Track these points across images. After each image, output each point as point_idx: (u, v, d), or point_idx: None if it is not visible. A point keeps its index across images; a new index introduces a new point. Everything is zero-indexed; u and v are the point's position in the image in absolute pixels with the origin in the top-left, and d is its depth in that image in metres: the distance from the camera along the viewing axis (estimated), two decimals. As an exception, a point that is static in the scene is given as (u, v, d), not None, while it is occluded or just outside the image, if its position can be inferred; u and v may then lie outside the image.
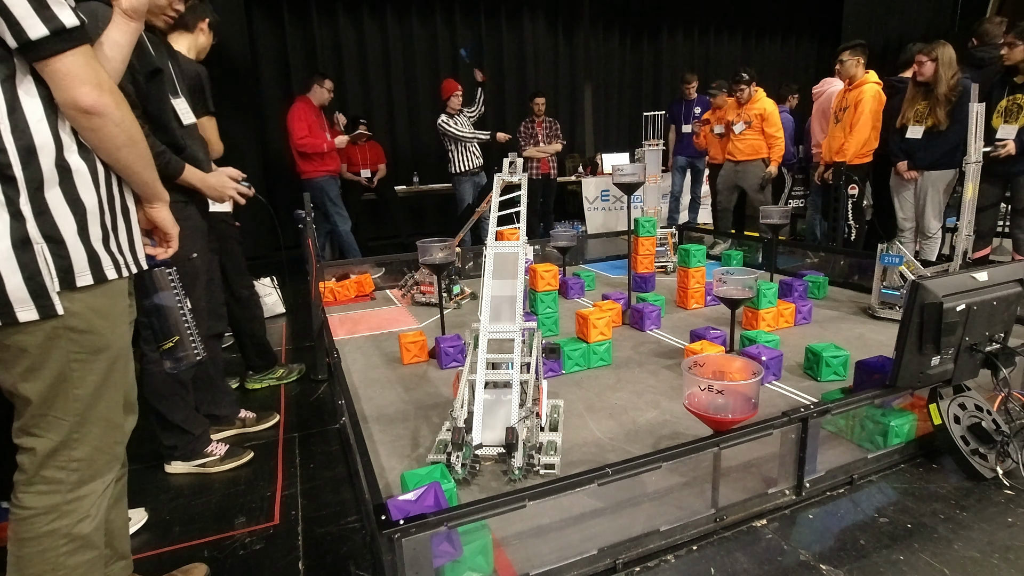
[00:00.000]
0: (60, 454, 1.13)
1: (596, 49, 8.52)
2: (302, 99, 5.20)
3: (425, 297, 4.18)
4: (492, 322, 2.20)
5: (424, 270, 4.18)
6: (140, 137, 1.14)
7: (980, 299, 1.84)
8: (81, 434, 1.14)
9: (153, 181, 1.20)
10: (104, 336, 1.14)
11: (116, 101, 1.06)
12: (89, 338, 1.11)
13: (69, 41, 0.98)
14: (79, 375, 1.12)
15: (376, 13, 7.20)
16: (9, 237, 1.00)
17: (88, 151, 1.09)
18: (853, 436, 2.08)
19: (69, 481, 1.14)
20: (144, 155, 1.17)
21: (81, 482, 1.15)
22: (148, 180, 1.19)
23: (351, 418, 1.99)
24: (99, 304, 1.12)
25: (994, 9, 7.31)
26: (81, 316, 1.09)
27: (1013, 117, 3.62)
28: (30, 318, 1.03)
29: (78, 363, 1.11)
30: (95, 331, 1.12)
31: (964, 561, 1.51)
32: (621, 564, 1.53)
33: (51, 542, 1.13)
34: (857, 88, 4.31)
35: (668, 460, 1.56)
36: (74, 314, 1.08)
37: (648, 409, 2.43)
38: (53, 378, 1.09)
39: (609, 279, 4.87)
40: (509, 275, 2.28)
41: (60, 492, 1.13)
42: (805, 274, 4.07)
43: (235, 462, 2.16)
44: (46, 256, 1.03)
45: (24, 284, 1.02)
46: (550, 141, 6.42)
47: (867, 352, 2.63)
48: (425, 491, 1.51)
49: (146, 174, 1.19)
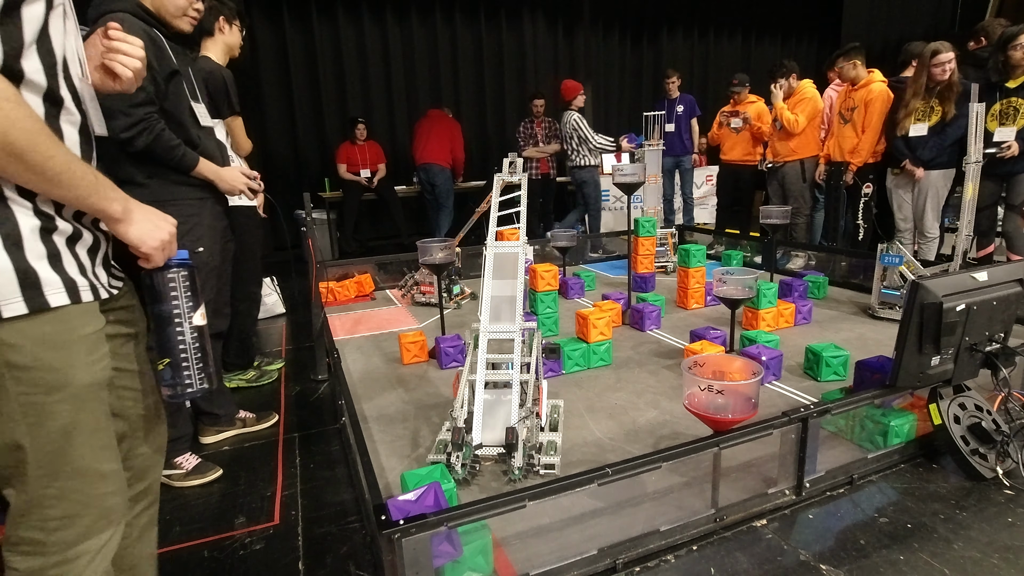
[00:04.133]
0: (33, 513, 0.94)
1: (596, 49, 8.52)
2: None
3: (425, 297, 4.19)
4: (492, 322, 2.20)
5: (424, 270, 4.18)
6: (40, 150, 0.83)
7: (980, 299, 1.84)
8: (55, 489, 0.94)
9: (81, 199, 0.91)
10: (60, 371, 0.91)
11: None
12: (38, 375, 0.89)
13: None
14: (34, 420, 0.90)
15: (376, 13, 7.20)
16: None
17: None
18: (853, 436, 2.08)
19: (50, 542, 0.96)
20: (52, 172, 0.85)
21: (66, 544, 0.97)
22: (71, 199, 0.90)
23: (351, 418, 1.99)
24: (46, 333, 0.89)
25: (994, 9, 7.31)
26: (21, 349, 0.87)
27: (1010, 120, 3.65)
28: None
29: (29, 406, 0.89)
30: (44, 367, 0.89)
31: (964, 561, 1.51)
32: (621, 564, 1.53)
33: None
34: (864, 87, 4.30)
35: (668, 460, 1.56)
36: (11, 346, 0.86)
37: (648, 409, 2.43)
38: (1, 425, 0.89)
39: (609, 279, 4.87)
40: (509, 275, 2.28)
41: (42, 555, 0.96)
42: (805, 274, 4.08)
43: (199, 479, 2.08)
44: None
45: None
46: (549, 141, 6.42)
47: (867, 352, 2.63)
48: (425, 491, 1.51)
49: (62, 192, 0.89)
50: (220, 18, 2.47)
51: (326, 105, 7.17)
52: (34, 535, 0.95)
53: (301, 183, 6.82)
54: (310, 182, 6.85)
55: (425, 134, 6.37)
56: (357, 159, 6.49)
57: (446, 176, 6.36)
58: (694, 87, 8.97)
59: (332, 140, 7.00)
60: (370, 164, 6.55)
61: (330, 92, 7.19)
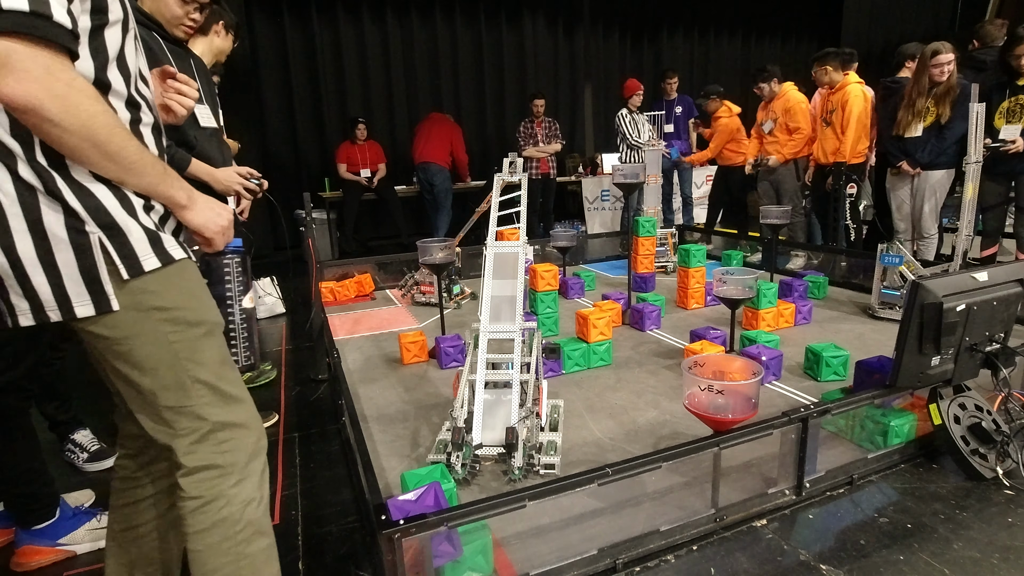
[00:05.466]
0: (208, 440, 1.08)
1: (596, 49, 8.53)
2: None
3: (425, 297, 4.19)
4: (492, 322, 2.20)
5: (424, 270, 4.18)
6: (113, 144, 0.94)
7: (980, 299, 1.84)
8: (224, 414, 1.09)
9: (150, 186, 1.03)
10: (195, 310, 1.08)
11: (60, 103, 0.87)
12: (180, 314, 1.05)
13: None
14: (187, 355, 1.05)
15: (376, 13, 7.20)
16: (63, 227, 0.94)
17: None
18: (853, 436, 2.08)
19: (226, 464, 1.09)
20: (127, 161, 0.98)
21: (238, 465, 1.10)
22: (141, 186, 1.02)
23: (351, 418, 1.99)
24: (177, 281, 1.06)
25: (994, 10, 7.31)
26: (163, 295, 1.03)
27: (1016, 117, 3.64)
28: (86, 313, 0.98)
29: (182, 344, 1.05)
30: (184, 307, 1.06)
31: (964, 561, 1.51)
32: (621, 564, 1.53)
33: (225, 531, 1.08)
34: (840, 90, 4.34)
35: (668, 460, 1.56)
36: (154, 293, 1.02)
37: (648, 409, 2.43)
38: (162, 364, 1.03)
39: (609, 279, 4.87)
40: (509, 275, 2.28)
41: (224, 477, 1.08)
42: (805, 274, 4.08)
43: None
44: (104, 244, 0.97)
45: (81, 277, 0.96)
46: (549, 141, 6.42)
47: (867, 352, 2.63)
48: (425, 491, 1.51)
49: (133, 179, 1.00)
50: (220, 23, 2.46)
51: (326, 105, 7.18)
52: (214, 460, 1.08)
53: (301, 183, 6.83)
54: (310, 182, 6.86)
55: (425, 135, 6.37)
56: (357, 159, 6.50)
57: (444, 176, 6.36)
58: (694, 87, 8.97)
59: (332, 140, 7.00)
60: (370, 164, 6.55)
61: (330, 92, 7.19)
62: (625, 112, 5.62)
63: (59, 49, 0.87)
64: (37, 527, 1.68)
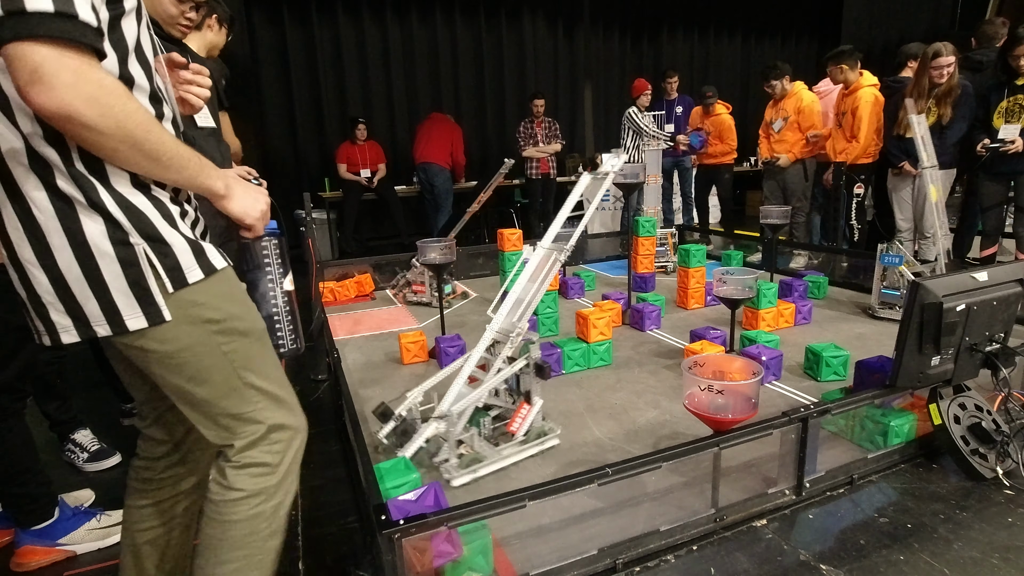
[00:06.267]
0: (264, 439, 1.10)
1: (596, 49, 8.52)
2: None
3: (417, 296, 4.22)
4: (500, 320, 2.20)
5: (416, 269, 4.20)
6: (151, 141, 0.93)
7: (980, 299, 1.84)
8: (274, 415, 1.11)
9: (190, 179, 1.02)
10: (244, 319, 1.08)
11: (97, 108, 0.84)
12: (229, 325, 1.05)
13: (29, 26, 0.78)
14: (241, 363, 1.06)
15: (376, 13, 7.20)
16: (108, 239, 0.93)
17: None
18: (853, 436, 2.08)
19: (275, 463, 1.11)
20: (166, 157, 0.96)
21: (286, 463, 1.13)
22: (181, 180, 1.01)
23: (351, 418, 1.99)
24: (223, 290, 1.06)
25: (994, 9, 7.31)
26: (211, 307, 1.03)
27: (1015, 117, 3.64)
28: (139, 326, 0.97)
29: (235, 352, 1.05)
30: (233, 316, 1.06)
31: (964, 561, 1.51)
32: (621, 564, 1.53)
33: (256, 525, 1.10)
34: (852, 94, 4.33)
35: (668, 460, 1.56)
36: (202, 305, 1.01)
37: (648, 409, 2.43)
38: (218, 373, 1.04)
39: (609, 279, 4.87)
40: (536, 278, 2.28)
41: (271, 475, 1.10)
42: (805, 274, 4.08)
43: None
44: (149, 255, 0.96)
45: (130, 289, 0.95)
46: (549, 141, 6.42)
47: (867, 352, 2.63)
48: (425, 491, 1.51)
49: (173, 175, 0.99)
50: (213, 16, 2.46)
51: (326, 105, 7.17)
52: (265, 458, 1.10)
53: (301, 183, 6.83)
54: (310, 182, 6.85)
55: (425, 135, 6.38)
56: (357, 159, 6.49)
57: (445, 176, 6.36)
58: (694, 87, 8.97)
59: (332, 140, 6.99)
60: (370, 164, 6.55)
61: (330, 92, 7.19)
62: (635, 110, 5.65)
63: (86, 50, 0.84)
64: (36, 527, 1.68)
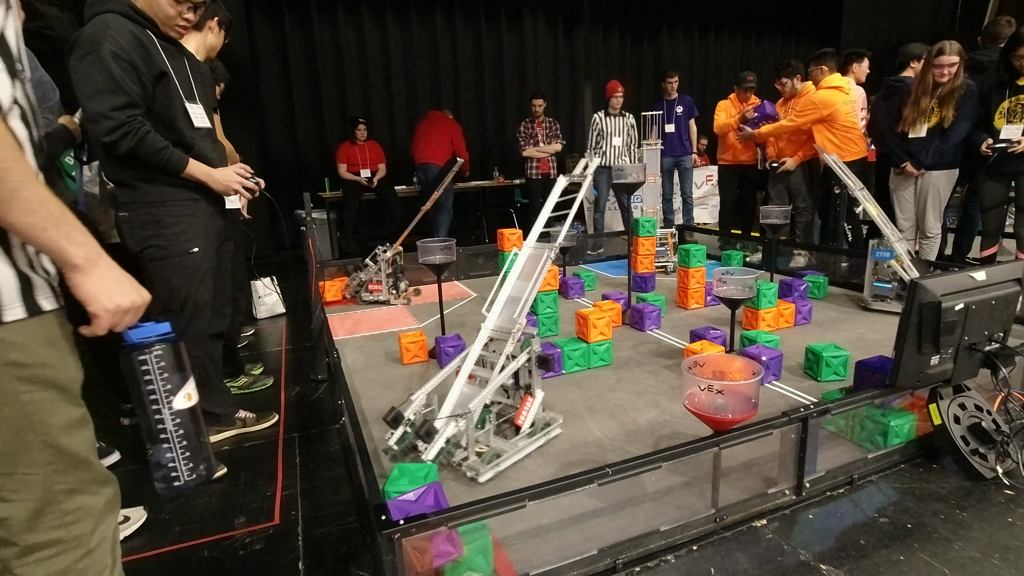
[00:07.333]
0: (48, 513, 0.90)
1: (596, 49, 8.52)
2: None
3: (374, 296, 4.27)
4: (495, 319, 2.21)
5: (371, 268, 4.27)
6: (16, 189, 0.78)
7: (979, 298, 1.84)
8: (67, 482, 0.92)
9: (39, 230, 0.82)
10: (59, 368, 0.90)
11: None
12: (39, 372, 0.87)
13: None
14: (40, 416, 0.87)
15: (376, 13, 7.20)
16: None
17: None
18: (853, 436, 2.08)
19: (71, 537, 0.93)
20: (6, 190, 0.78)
21: (85, 535, 0.94)
22: (22, 226, 0.81)
23: (351, 418, 1.99)
24: (44, 334, 0.89)
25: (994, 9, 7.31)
26: (23, 348, 0.85)
27: (1017, 117, 3.64)
28: None
29: (34, 404, 0.87)
30: (46, 364, 0.88)
31: (964, 561, 1.51)
32: (621, 564, 1.53)
33: None
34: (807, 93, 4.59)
35: (668, 460, 1.56)
36: (12, 345, 0.84)
37: (648, 409, 2.43)
38: (4, 423, 0.85)
39: (609, 279, 4.87)
40: (526, 276, 2.28)
41: (65, 552, 0.92)
42: (805, 274, 4.08)
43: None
44: None
45: None
46: (549, 141, 6.42)
47: (867, 352, 2.63)
48: (425, 491, 1.51)
49: (13, 217, 0.80)
50: (214, 19, 2.46)
51: (326, 105, 7.18)
52: (53, 535, 0.91)
53: (301, 183, 6.82)
54: (310, 182, 6.85)
55: (425, 134, 6.37)
56: (357, 159, 6.49)
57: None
58: (694, 87, 8.97)
59: (332, 140, 7.00)
60: (370, 164, 6.55)
61: (330, 92, 7.19)
62: (602, 115, 5.62)
63: None
64: None
